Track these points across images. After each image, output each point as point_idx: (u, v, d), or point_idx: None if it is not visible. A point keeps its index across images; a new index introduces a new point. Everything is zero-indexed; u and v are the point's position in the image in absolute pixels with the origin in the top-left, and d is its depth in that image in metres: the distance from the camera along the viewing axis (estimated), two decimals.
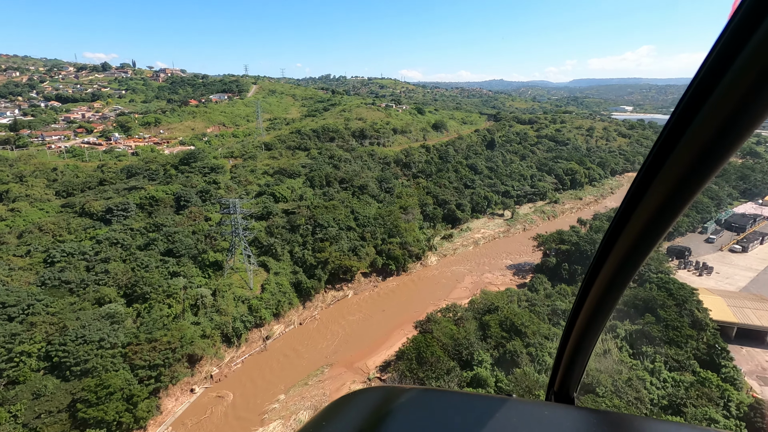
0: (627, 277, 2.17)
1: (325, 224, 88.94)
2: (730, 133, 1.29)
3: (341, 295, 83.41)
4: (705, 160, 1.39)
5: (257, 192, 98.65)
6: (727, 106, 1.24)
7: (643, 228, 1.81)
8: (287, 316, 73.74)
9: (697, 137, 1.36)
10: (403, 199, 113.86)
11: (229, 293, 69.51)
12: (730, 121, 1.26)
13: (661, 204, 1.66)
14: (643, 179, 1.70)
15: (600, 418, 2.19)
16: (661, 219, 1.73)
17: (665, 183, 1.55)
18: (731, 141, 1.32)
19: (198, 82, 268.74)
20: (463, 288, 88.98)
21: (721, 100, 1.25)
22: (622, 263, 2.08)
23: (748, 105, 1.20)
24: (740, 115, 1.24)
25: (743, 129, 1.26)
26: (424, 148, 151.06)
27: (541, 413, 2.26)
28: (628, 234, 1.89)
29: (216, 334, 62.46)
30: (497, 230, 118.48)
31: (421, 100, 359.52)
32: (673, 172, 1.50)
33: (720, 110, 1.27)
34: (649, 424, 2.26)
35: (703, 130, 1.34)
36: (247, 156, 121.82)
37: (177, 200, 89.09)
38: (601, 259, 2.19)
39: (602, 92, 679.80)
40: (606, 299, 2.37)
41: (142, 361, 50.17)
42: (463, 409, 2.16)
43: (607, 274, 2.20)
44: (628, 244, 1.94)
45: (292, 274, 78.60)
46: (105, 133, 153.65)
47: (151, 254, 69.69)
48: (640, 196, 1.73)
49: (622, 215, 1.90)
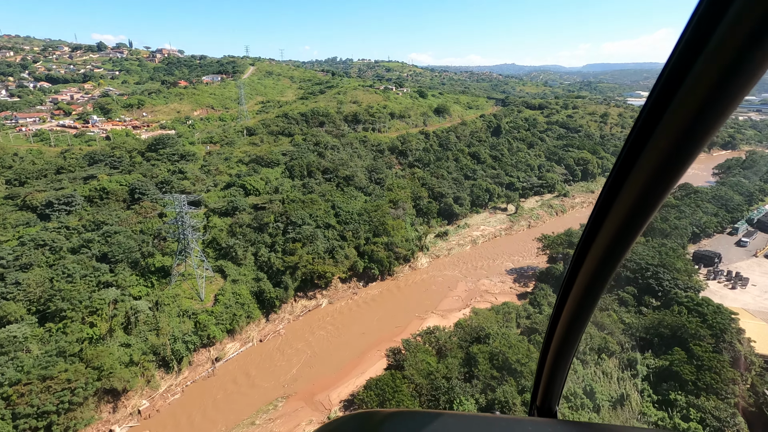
0: (603, 283, 2.11)
1: (299, 222, 76.61)
2: (707, 116, 1.26)
3: (313, 304, 71.54)
4: (683, 145, 1.34)
5: (226, 183, 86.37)
6: (703, 87, 1.21)
7: (618, 227, 1.75)
8: (245, 332, 62.16)
9: (675, 120, 1.32)
10: (394, 192, 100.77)
11: (173, 306, 57.97)
12: (707, 105, 1.24)
13: (637, 197, 1.59)
14: (618, 175, 1.64)
15: (583, 430, 2.23)
16: (639, 213, 1.66)
17: (643, 171, 1.46)
18: (709, 124, 1.28)
19: (195, 63, 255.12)
20: (454, 297, 76.42)
21: (696, 83, 1.22)
22: (597, 269, 2.03)
23: (724, 86, 1.18)
24: (716, 98, 1.21)
25: (720, 112, 1.23)
26: (423, 134, 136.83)
27: (525, 429, 2.19)
28: (602, 237, 1.84)
29: (147, 359, 51.09)
30: (498, 227, 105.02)
31: (428, 83, 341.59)
32: (652, 159, 1.42)
33: (696, 93, 1.24)
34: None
35: (681, 113, 1.30)
36: (226, 142, 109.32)
37: (132, 192, 77.31)
38: (576, 265, 2.13)
39: (617, 77, 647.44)
40: (583, 308, 2.31)
41: (28, 407, 38.92)
42: (447, 429, 2.10)
43: (583, 282, 2.14)
44: (603, 246, 1.89)
45: (254, 281, 66.74)
46: (83, 115, 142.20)
47: (82, 259, 58.20)
48: (614, 193, 1.66)
49: (594, 220, 1.86)
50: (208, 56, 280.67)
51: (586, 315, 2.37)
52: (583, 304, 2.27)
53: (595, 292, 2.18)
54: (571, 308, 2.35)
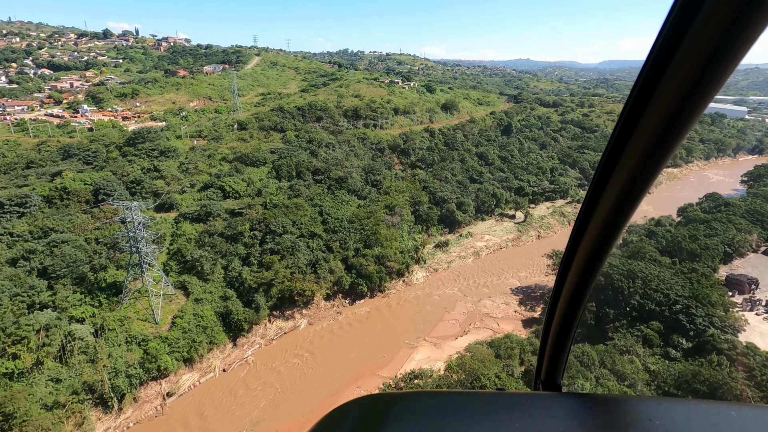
0: (602, 258, 2.14)
1: (280, 230, 67.58)
2: (681, 116, 1.31)
3: (290, 325, 62.67)
4: (667, 134, 1.38)
5: (204, 184, 77.54)
6: (686, 72, 1.22)
7: (613, 205, 1.81)
8: (205, 361, 53.56)
9: (658, 112, 1.35)
10: (391, 196, 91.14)
11: (120, 331, 49.53)
12: (682, 103, 1.28)
13: (628, 179, 1.65)
14: (609, 158, 1.69)
15: (588, 401, 2.22)
16: (631, 194, 1.71)
17: (638, 144, 1.50)
18: (683, 122, 1.33)
19: (200, 53, 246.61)
20: (451, 321, 66.85)
21: (679, 69, 1.24)
22: (596, 244, 2.06)
23: (696, 86, 1.22)
24: (690, 97, 1.26)
25: (700, 100, 1.26)
26: (428, 131, 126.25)
27: (530, 403, 2.22)
28: (600, 211, 1.87)
29: (77, 399, 42.73)
30: (505, 237, 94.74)
31: (439, 77, 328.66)
32: (644, 136, 1.46)
33: (672, 92, 1.28)
34: (636, 402, 2.19)
35: (659, 110, 1.34)
36: (214, 137, 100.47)
37: (96, 193, 68.98)
38: (576, 239, 2.16)
39: (634, 74, 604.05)
40: (583, 281, 2.33)
41: None
42: (454, 407, 2.12)
43: (584, 255, 2.15)
44: (601, 220, 1.92)
45: (221, 300, 58.00)
46: (73, 104, 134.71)
47: (18, 274, 49.92)
48: (612, 165, 1.70)
49: (592, 196, 1.88)
50: (214, 45, 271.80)
51: (586, 288, 2.36)
52: (584, 277, 2.27)
53: (596, 265, 2.17)
54: (572, 282, 2.34)
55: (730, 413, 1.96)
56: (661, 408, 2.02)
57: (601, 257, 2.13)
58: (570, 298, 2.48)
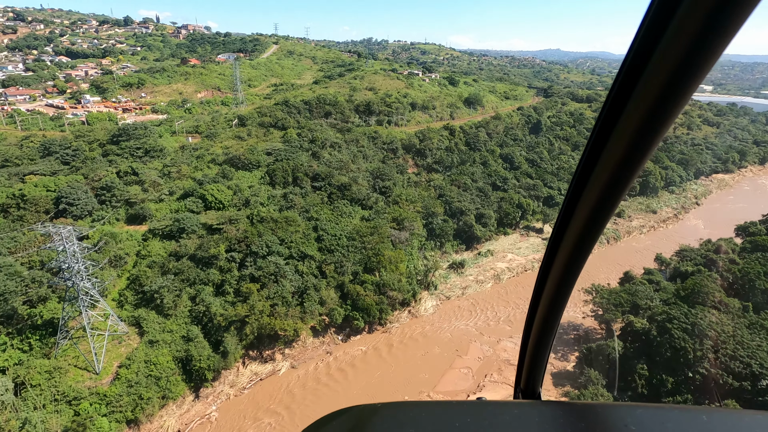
0: (580, 262, 2.12)
1: (263, 252, 56.22)
2: (661, 112, 1.28)
3: (268, 370, 51.50)
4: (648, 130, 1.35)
5: (184, 192, 66.76)
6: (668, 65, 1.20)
7: (590, 212, 1.78)
8: (156, 420, 43.00)
9: (636, 112, 1.34)
10: (401, 207, 78.47)
11: (47, 386, 39.38)
12: (660, 100, 1.25)
13: (605, 184, 1.63)
14: (587, 163, 1.67)
15: (566, 409, 2.23)
16: (609, 197, 1.68)
17: (620, 140, 1.46)
18: (664, 119, 1.30)
19: (219, 41, 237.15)
20: (463, 370, 54.29)
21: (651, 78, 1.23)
22: (572, 253, 2.04)
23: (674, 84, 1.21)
24: (668, 95, 1.24)
25: (683, 93, 1.23)
26: (448, 129, 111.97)
27: (510, 411, 2.22)
28: (575, 222, 1.86)
29: None
30: (531, 256, 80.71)
31: (465, 68, 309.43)
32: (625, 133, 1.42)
33: (651, 89, 1.26)
34: (614, 410, 2.22)
35: (639, 107, 1.32)
36: (209, 134, 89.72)
37: (57, 202, 59.23)
38: (552, 251, 2.15)
39: None
40: (561, 291, 2.32)
41: None
42: (436, 417, 2.14)
43: (560, 265, 2.16)
44: (576, 232, 1.91)
45: (183, 341, 47.25)
46: (76, 94, 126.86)
47: None
48: (586, 177, 1.69)
49: (568, 204, 1.87)
50: (233, 33, 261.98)
51: (563, 298, 2.37)
52: (560, 288, 2.28)
53: (571, 276, 2.19)
54: (550, 292, 2.34)
55: (702, 417, 1.98)
56: (637, 414, 2.04)
57: (577, 267, 2.11)
58: (548, 308, 2.46)
